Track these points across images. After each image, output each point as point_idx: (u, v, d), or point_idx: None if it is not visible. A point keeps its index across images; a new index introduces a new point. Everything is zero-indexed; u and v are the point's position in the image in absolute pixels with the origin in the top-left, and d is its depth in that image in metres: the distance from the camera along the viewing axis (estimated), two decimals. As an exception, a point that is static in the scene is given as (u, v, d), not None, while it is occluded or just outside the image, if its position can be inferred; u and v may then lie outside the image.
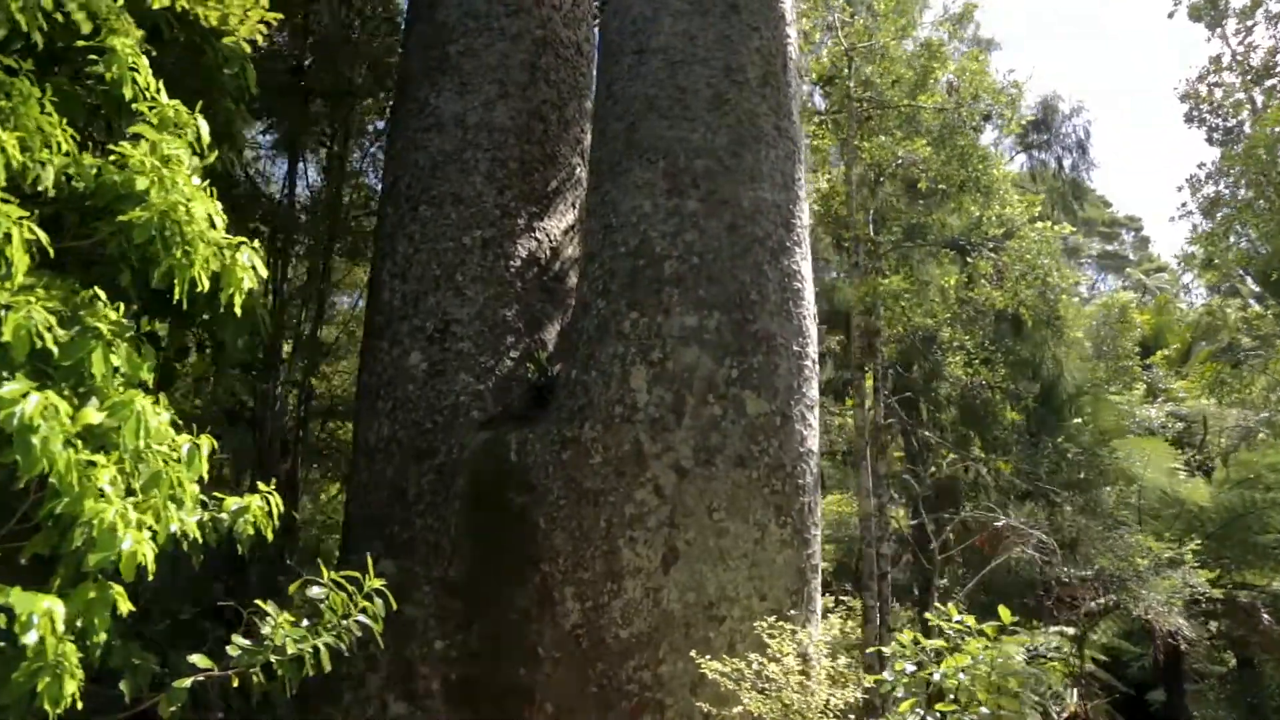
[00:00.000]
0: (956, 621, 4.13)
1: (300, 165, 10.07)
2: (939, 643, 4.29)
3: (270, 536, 3.49)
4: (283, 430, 8.06)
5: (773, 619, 4.63)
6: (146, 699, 3.24)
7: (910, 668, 4.09)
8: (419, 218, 6.49)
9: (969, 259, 8.34)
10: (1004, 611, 4.34)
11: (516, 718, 4.71)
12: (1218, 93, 19.32)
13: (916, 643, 4.14)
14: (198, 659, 3.12)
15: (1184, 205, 19.51)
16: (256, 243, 3.47)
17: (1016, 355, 10.21)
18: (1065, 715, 10.34)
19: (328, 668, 3.03)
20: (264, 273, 3.49)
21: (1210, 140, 19.85)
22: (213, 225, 3.26)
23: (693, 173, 5.60)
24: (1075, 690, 10.08)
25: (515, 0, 7.20)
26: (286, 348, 9.03)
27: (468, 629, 4.91)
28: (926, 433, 8.92)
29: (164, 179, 3.03)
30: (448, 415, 5.72)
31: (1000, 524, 6.73)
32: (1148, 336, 23.47)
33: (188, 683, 3.11)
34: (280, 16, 3.19)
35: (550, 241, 6.65)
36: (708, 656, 4.38)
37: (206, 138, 3.54)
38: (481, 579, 4.99)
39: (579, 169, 7.08)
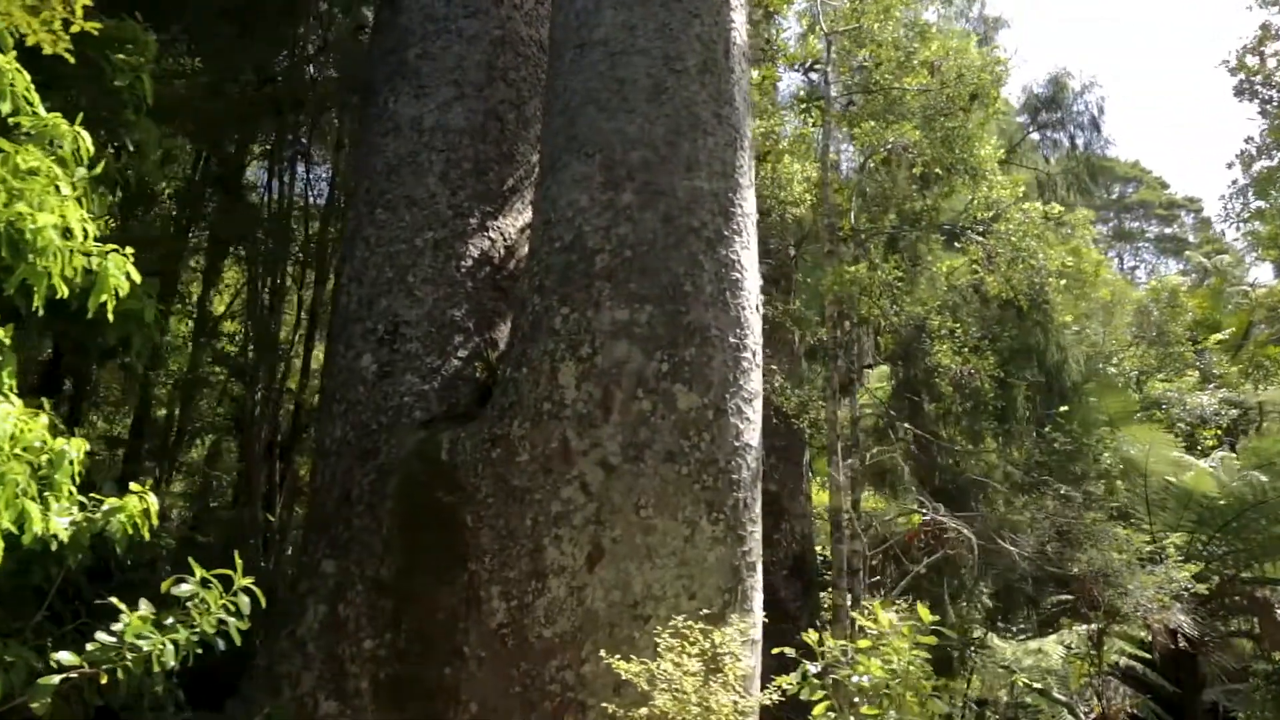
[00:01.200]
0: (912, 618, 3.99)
1: (300, 171, 10.27)
2: (865, 642, 4.15)
3: (147, 536, 3.55)
4: (272, 436, 8.23)
5: (702, 618, 4.54)
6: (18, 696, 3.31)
7: (814, 669, 3.96)
8: (375, 221, 6.55)
9: (958, 244, 8.05)
10: (923, 610, 4.17)
11: (443, 717, 4.70)
12: (1271, 63, 18.31)
13: (821, 643, 4.00)
14: (64, 655, 3.17)
15: (1235, 182, 18.56)
16: (130, 249, 3.50)
17: (1020, 343, 9.85)
18: (1094, 716, 9.94)
19: (171, 663, 3.05)
20: (137, 278, 3.53)
21: (1264, 113, 18.83)
22: (74, 235, 3.31)
23: (629, 165, 5.52)
24: (1107, 689, 9.68)
25: (474, 2, 7.23)
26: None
27: (396, 628, 4.92)
28: (908, 426, 8.62)
29: (12, 190, 3.09)
30: (392, 416, 5.75)
31: (927, 519, 6.47)
32: (1205, 320, 22.43)
33: (55, 679, 3.17)
34: (99, 26, 3.22)
35: (505, 240, 6.64)
36: (632, 657, 4.29)
37: (89, 149, 3.62)
38: (411, 578, 5.00)
39: (538, 167, 7.07)
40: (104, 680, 3.21)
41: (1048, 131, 11.07)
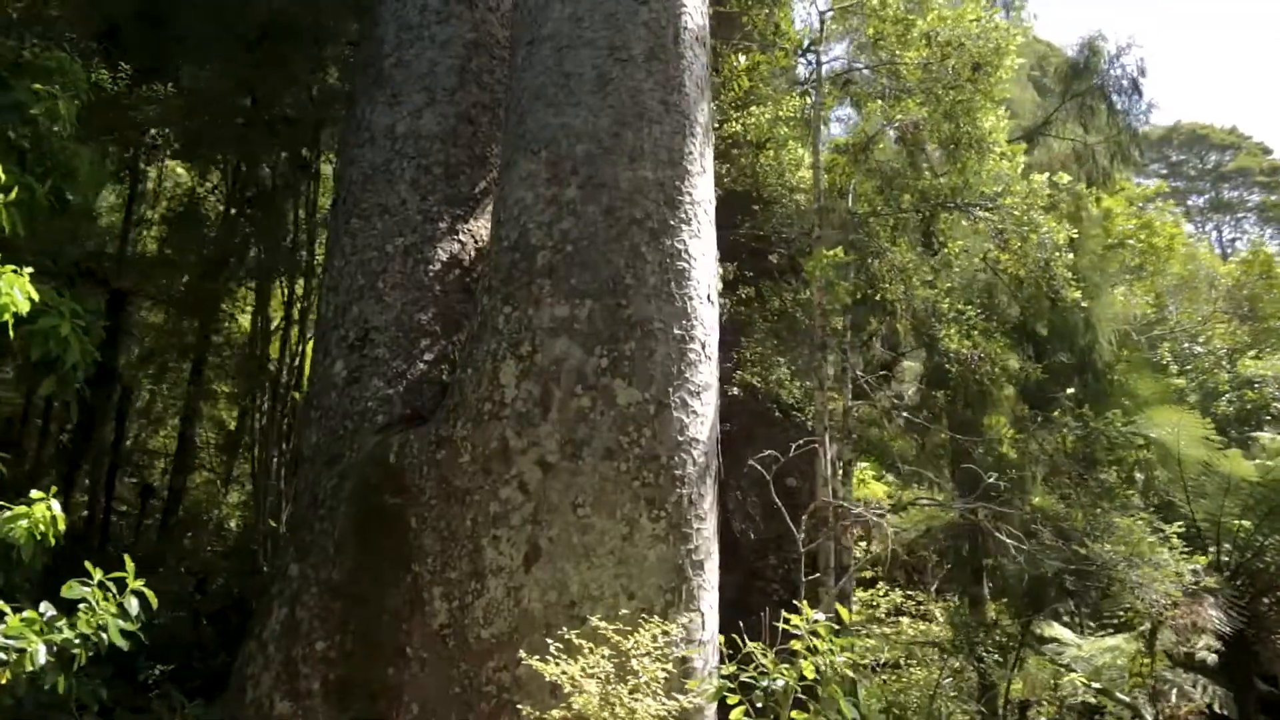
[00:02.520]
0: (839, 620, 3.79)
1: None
2: (798, 644, 3.97)
3: (54, 543, 3.67)
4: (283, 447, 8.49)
5: (642, 618, 4.42)
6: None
7: (727, 672, 3.79)
8: (350, 230, 6.66)
9: (965, 222, 7.64)
10: (843, 611, 3.95)
11: (387, 717, 4.72)
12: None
13: (733, 646, 3.83)
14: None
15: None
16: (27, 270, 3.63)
17: (1062, 323, 9.29)
18: (1163, 716, 9.31)
19: (42, 661, 3.14)
20: (35, 296, 3.66)
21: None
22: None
23: (573, 159, 5.44)
24: (1177, 691, 9.06)
25: (446, 8, 7.28)
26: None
27: (345, 630, 4.97)
28: (903, 415, 8.20)
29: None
30: (356, 421, 5.83)
31: (856, 512, 6.12)
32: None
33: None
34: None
35: (476, 242, 6.65)
36: (563, 658, 4.22)
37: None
38: (359, 580, 5.04)
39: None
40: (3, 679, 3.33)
41: (1085, 100, 10.38)
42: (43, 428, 9.80)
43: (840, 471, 8.73)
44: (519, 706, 4.48)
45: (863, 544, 12.67)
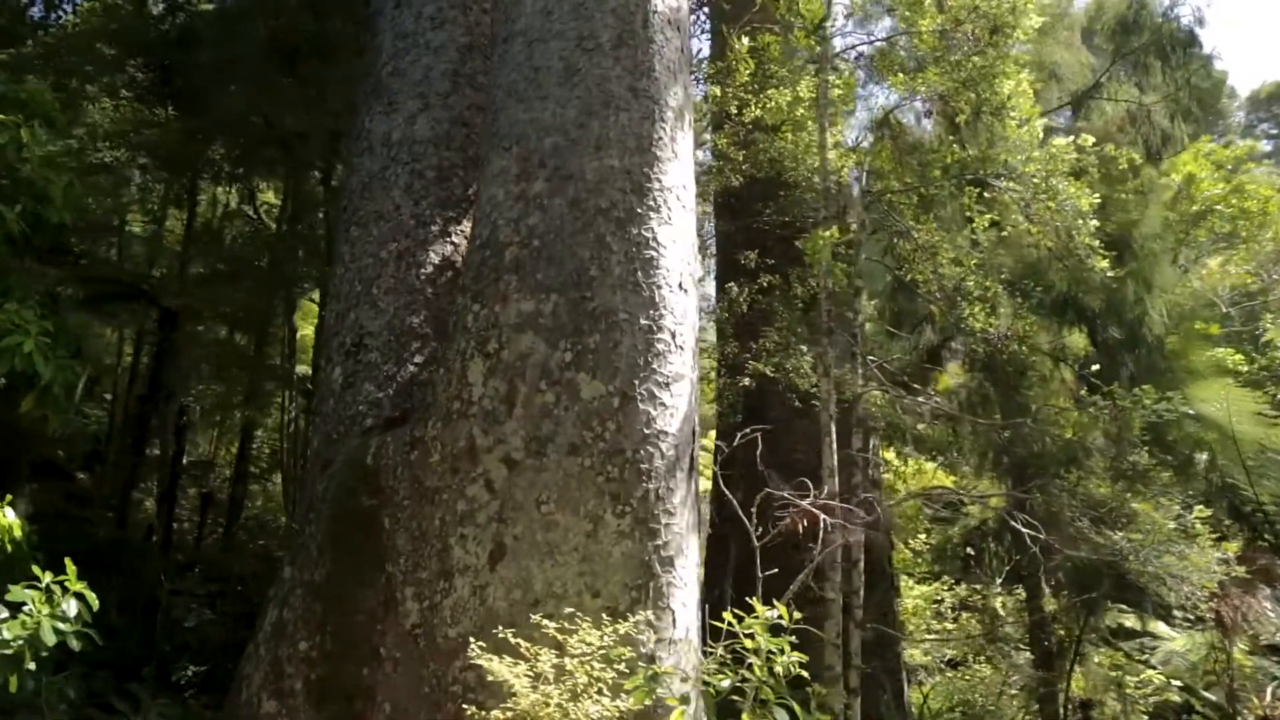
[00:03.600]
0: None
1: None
2: (751, 643, 3.81)
3: (9, 549, 3.83)
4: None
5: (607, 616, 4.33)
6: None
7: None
8: (349, 239, 6.79)
9: (988, 194, 7.20)
10: (783, 609, 3.75)
11: (362, 717, 4.76)
12: None
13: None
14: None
15: None
16: None
17: (1117, 296, 8.66)
18: (1256, 716, 8.62)
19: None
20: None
21: None
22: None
23: (541, 153, 5.39)
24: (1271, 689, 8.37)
25: (441, 13, 7.33)
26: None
27: (324, 631, 5.04)
28: (931, 402, 7.74)
29: None
30: (348, 425, 5.92)
31: (807, 502, 5.75)
32: None
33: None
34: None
35: (468, 244, 6.67)
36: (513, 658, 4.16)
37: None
38: (338, 581, 5.11)
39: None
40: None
41: (1139, 58, 9.62)
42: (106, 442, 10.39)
43: (869, 460, 8.41)
44: (484, 704, 4.45)
45: (923, 536, 12.19)
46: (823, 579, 5.98)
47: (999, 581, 9.77)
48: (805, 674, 3.78)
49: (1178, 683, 8.84)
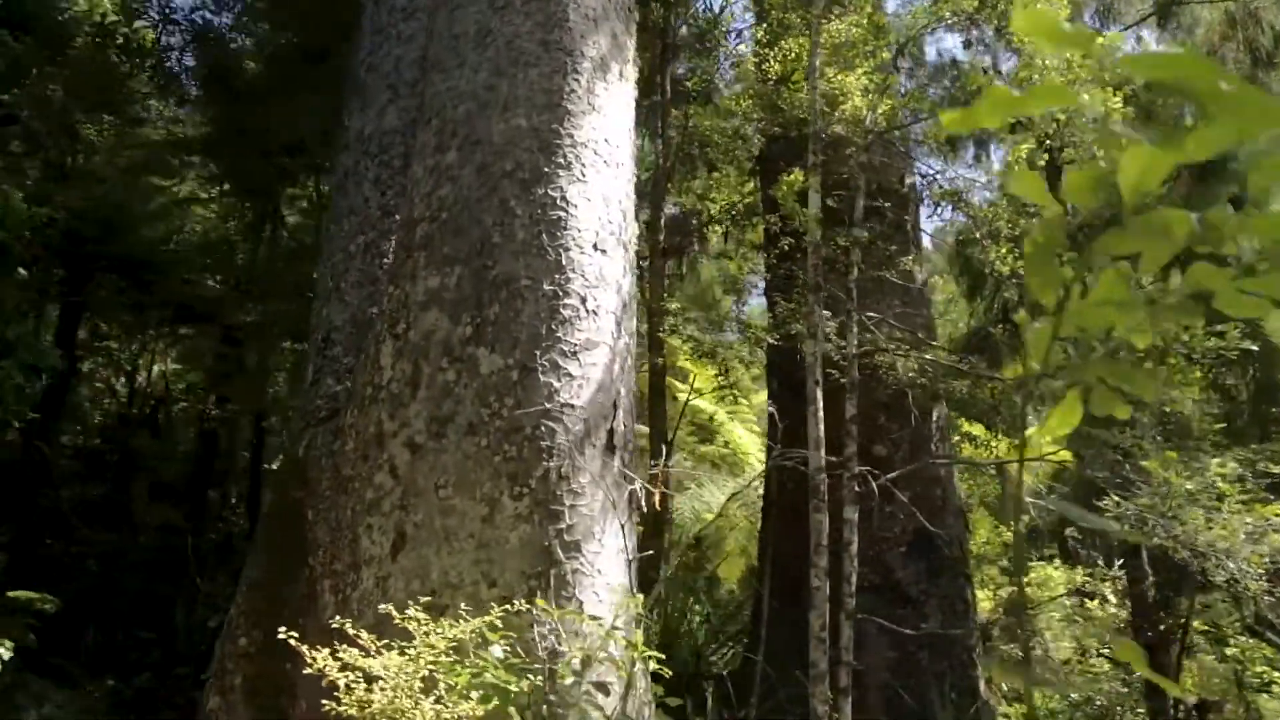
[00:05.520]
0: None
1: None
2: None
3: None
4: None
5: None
6: None
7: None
8: (328, 236, 6.81)
9: (1015, 134, 6.24)
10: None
11: (286, 713, 4.66)
12: None
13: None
14: None
15: None
16: None
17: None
18: None
19: None
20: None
21: None
22: None
23: (455, 121, 5.13)
24: None
25: (412, 2, 7.24)
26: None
27: (259, 626, 4.97)
28: (945, 360, 6.69)
29: None
30: (307, 420, 5.88)
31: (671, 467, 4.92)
32: None
33: None
34: None
35: (433, 230, 6.51)
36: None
37: None
38: (271, 576, 5.04)
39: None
40: None
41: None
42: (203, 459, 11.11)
43: (939, 434, 7.59)
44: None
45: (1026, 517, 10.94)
46: (806, 564, 5.34)
47: (1101, 565, 8.54)
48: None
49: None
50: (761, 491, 9.86)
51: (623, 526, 4.55)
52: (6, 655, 5.37)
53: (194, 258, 10.76)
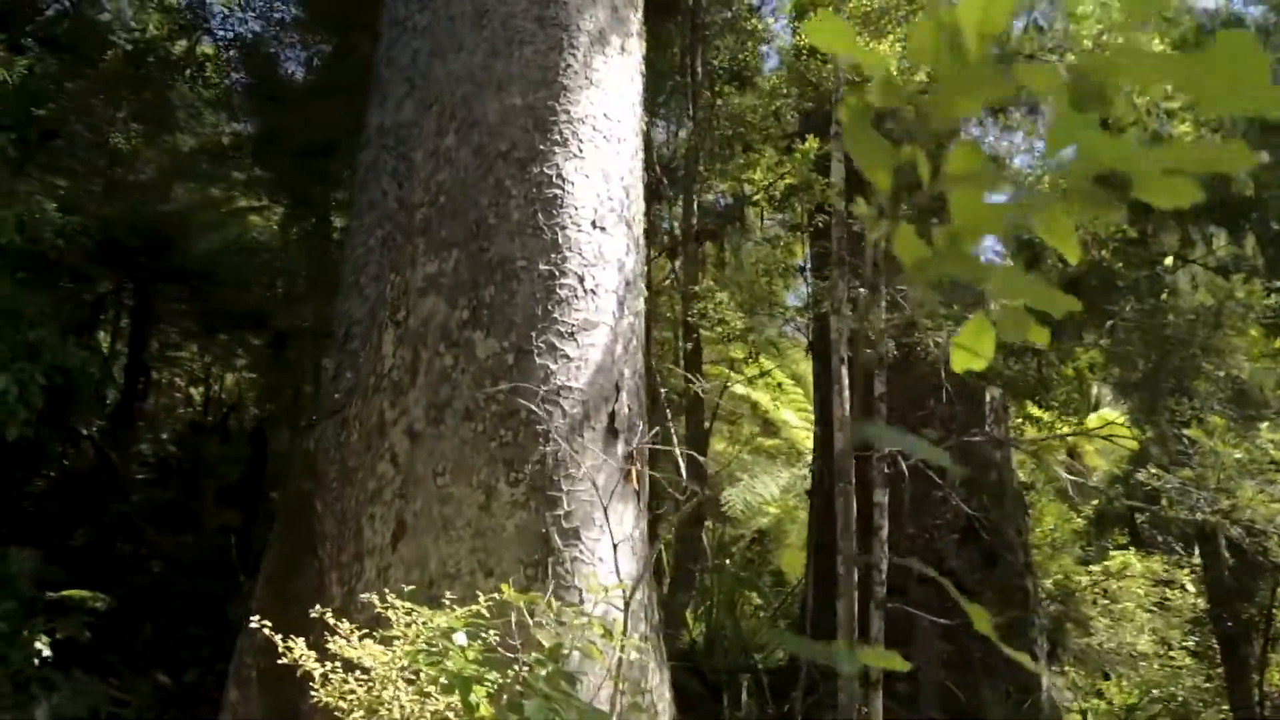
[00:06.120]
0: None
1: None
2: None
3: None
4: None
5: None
6: None
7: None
8: (349, 231, 6.82)
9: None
10: (505, 588, 3.09)
11: (298, 705, 4.64)
12: None
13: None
14: None
15: None
16: None
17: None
18: None
19: None
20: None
21: None
22: None
23: (453, 104, 5.04)
24: None
25: (426, -3, 7.20)
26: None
27: (271, 618, 4.97)
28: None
29: None
30: (323, 414, 5.88)
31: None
32: None
33: None
34: None
35: (449, 220, 6.44)
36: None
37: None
38: (284, 569, 5.03)
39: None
40: None
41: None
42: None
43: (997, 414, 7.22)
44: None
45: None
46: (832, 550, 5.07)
47: (1177, 549, 7.96)
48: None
49: None
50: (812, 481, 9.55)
51: (628, 512, 4.38)
52: (45, 651, 5.50)
53: (247, 265, 11.01)
